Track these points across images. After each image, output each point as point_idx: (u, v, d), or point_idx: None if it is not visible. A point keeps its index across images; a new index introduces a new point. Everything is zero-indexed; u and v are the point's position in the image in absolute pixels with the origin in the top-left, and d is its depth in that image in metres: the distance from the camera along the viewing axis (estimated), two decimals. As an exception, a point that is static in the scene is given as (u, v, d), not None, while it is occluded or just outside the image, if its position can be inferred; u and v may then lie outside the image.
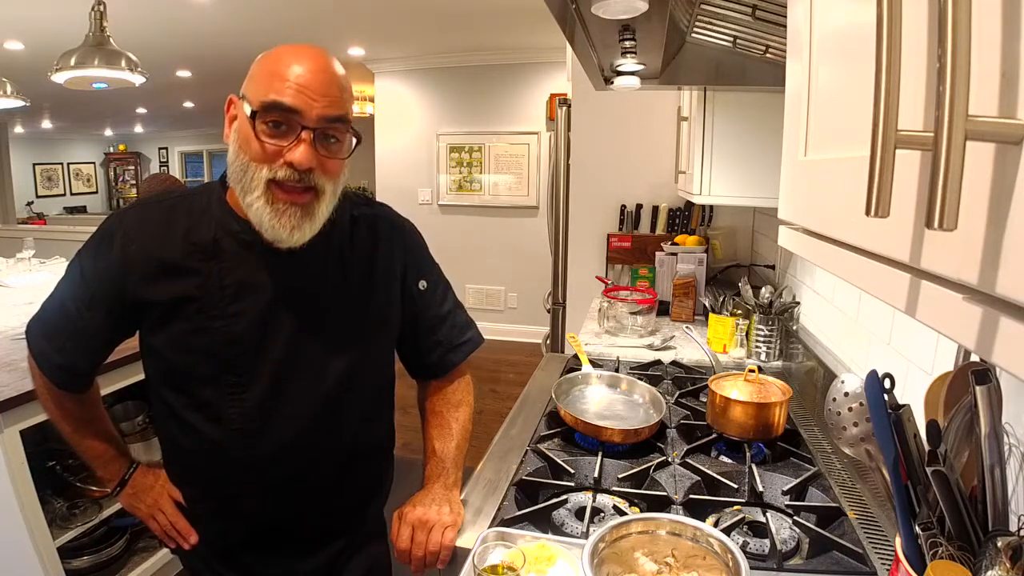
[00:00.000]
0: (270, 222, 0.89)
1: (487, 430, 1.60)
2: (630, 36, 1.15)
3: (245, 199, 0.90)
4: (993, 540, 0.56)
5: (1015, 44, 0.30)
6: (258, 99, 0.86)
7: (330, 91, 0.88)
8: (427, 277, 1.13)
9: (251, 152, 0.87)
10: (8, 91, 3.10)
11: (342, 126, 0.90)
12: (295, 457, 1.01)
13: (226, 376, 0.96)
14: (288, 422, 0.99)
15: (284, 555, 1.08)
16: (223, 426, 0.97)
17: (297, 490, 1.03)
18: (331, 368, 1.01)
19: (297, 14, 4.02)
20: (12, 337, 2.13)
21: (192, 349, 0.95)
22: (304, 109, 0.85)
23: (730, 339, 1.90)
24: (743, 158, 1.82)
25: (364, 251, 1.05)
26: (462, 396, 1.19)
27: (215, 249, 0.95)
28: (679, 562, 0.84)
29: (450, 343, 1.16)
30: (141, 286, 0.94)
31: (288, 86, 0.85)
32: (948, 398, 0.70)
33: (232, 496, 1.03)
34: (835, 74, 0.58)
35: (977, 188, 0.33)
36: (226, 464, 0.99)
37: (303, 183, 0.88)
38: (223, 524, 1.06)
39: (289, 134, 0.86)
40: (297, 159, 0.86)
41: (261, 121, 0.86)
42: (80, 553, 1.95)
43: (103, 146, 10.88)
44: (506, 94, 5.34)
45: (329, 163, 0.90)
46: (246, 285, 0.95)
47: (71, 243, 5.33)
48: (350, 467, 1.09)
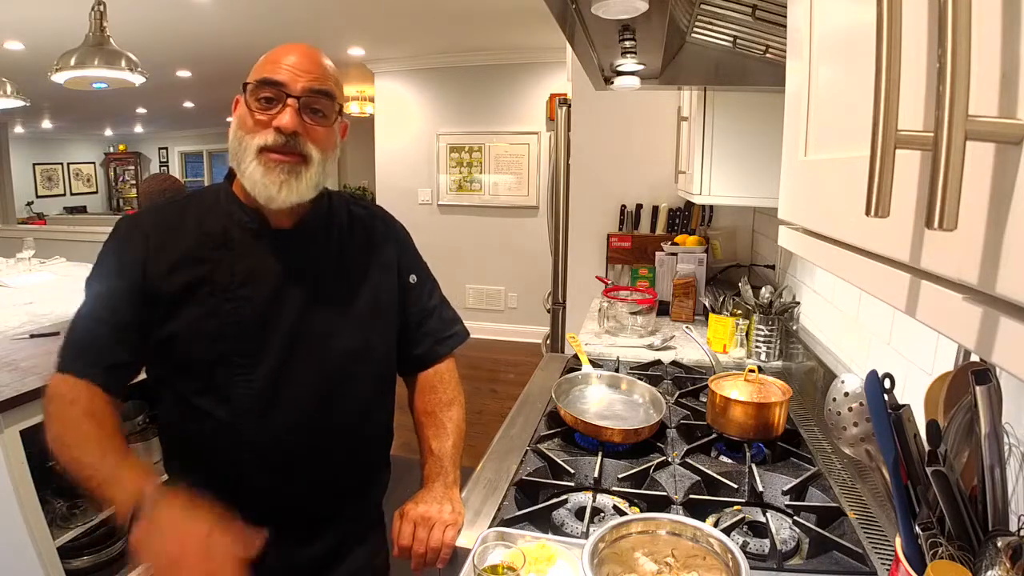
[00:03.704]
0: (261, 180, 0.96)
1: (487, 430, 1.59)
2: (630, 36, 1.15)
3: (241, 168, 0.98)
4: (993, 540, 0.56)
5: (1015, 44, 0.30)
6: (253, 79, 0.98)
7: (315, 69, 0.98)
8: (417, 272, 1.20)
9: (246, 127, 0.98)
10: (8, 91, 3.10)
11: (327, 100, 0.99)
12: (300, 438, 1.04)
13: (235, 358, 1.00)
14: (294, 403, 1.03)
15: (286, 542, 1.08)
16: (231, 407, 1.01)
17: (301, 473, 1.06)
18: (334, 350, 1.06)
19: (297, 14, 4.03)
20: (12, 337, 2.13)
21: (203, 332, 1.00)
22: (289, 82, 0.96)
23: (730, 339, 1.90)
24: (743, 158, 1.82)
25: (362, 241, 1.13)
26: (453, 394, 1.20)
27: (225, 239, 1.02)
28: (679, 562, 0.84)
29: (438, 335, 1.22)
30: (158, 278, 0.99)
31: (277, 66, 0.97)
32: (948, 398, 0.70)
33: (236, 479, 1.04)
34: (835, 74, 0.58)
35: (977, 188, 0.33)
36: (233, 446, 1.02)
37: (290, 146, 0.96)
38: (229, 506, 1.06)
39: (277, 104, 0.96)
40: (283, 123, 0.95)
41: (253, 97, 0.97)
42: (80, 553, 1.95)
43: (103, 146, 10.89)
44: (506, 94, 5.34)
45: (315, 130, 0.98)
46: (254, 271, 1.02)
47: (71, 243, 5.33)
48: (353, 451, 1.11)
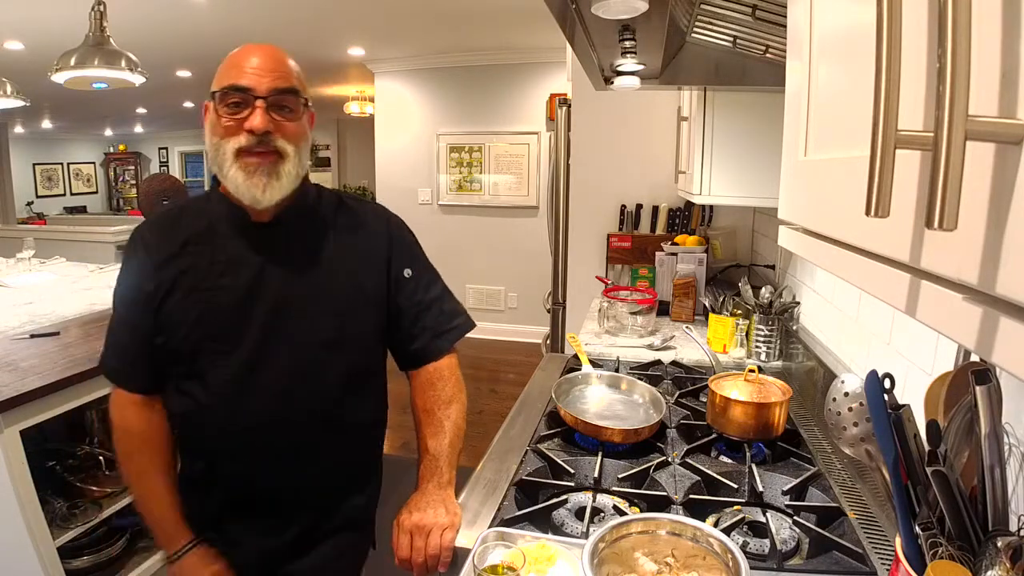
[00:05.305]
0: (244, 183, 1.00)
1: (487, 430, 1.59)
2: (630, 36, 1.15)
3: (223, 173, 1.02)
4: (993, 540, 0.56)
5: (1015, 44, 0.30)
6: (218, 87, 1.01)
7: (277, 68, 1.01)
8: (413, 267, 1.19)
9: (219, 132, 1.01)
10: (8, 91, 3.09)
11: (293, 97, 1.02)
12: (277, 421, 1.06)
13: (213, 344, 1.04)
14: (266, 389, 1.05)
15: (259, 527, 1.12)
16: (210, 391, 1.05)
17: (275, 458, 1.08)
18: (308, 339, 1.08)
19: (297, 14, 4.02)
20: (12, 337, 2.13)
21: (184, 320, 1.04)
22: (255, 85, 0.99)
23: (730, 339, 1.90)
24: (743, 158, 1.81)
25: (349, 232, 1.15)
26: (453, 393, 1.19)
27: (210, 233, 1.07)
28: (679, 562, 0.84)
29: (436, 329, 1.19)
30: (155, 276, 1.05)
31: (241, 71, 0.99)
32: (948, 398, 0.70)
33: (216, 459, 1.09)
34: (835, 74, 0.58)
35: (977, 188, 0.33)
36: (212, 428, 1.07)
37: (265, 145, 1.00)
38: (207, 489, 1.11)
39: (245, 108, 0.99)
40: (255, 125, 0.98)
41: (221, 104, 1.00)
42: (80, 553, 1.95)
43: (103, 146, 10.88)
44: (506, 94, 5.34)
45: (285, 127, 1.02)
46: (235, 260, 1.06)
47: (71, 243, 5.33)
48: (329, 442, 1.12)
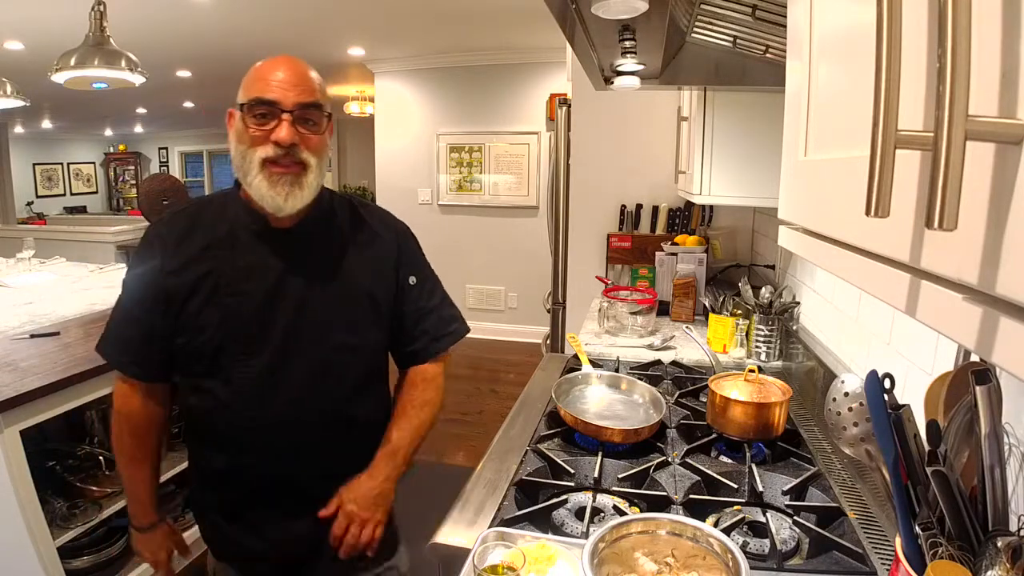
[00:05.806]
0: (268, 192, 1.05)
1: (487, 430, 1.60)
2: (630, 36, 1.15)
3: (247, 180, 1.06)
4: (993, 540, 0.56)
5: (1015, 44, 0.30)
6: (246, 98, 1.05)
7: (302, 83, 1.05)
8: (417, 274, 1.25)
9: (246, 140, 1.05)
10: (8, 91, 3.09)
11: (317, 111, 1.07)
12: (296, 420, 1.12)
13: (235, 347, 1.09)
14: (288, 389, 1.11)
15: (281, 514, 1.17)
16: (232, 390, 1.10)
17: (296, 451, 1.13)
18: (328, 343, 1.13)
19: (297, 14, 4.02)
20: (12, 337, 2.13)
21: (208, 323, 1.08)
22: (281, 99, 1.03)
23: (730, 339, 1.90)
24: (743, 158, 1.81)
25: (363, 238, 1.21)
26: (430, 397, 1.26)
27: (231, 239, 1.11)
28: (679, 562, 0.84)
29: (434, 334, 1.27)
30: (173, 277, 1.09)
31: (267, 84, 1.04)
32: (948, 398, 0.70)
33: (237, 454, 1.14)
34: (835, 74, 0.58)
35: (977, 188, 0.33)
36: (235, 425, 1.11)
37: (290, 157, 1.05)
38: (229, 481, 1.17)
39: (272, 120, 1.04)
40: (280, 137, 1.03)
41: (249, 115, 1.04)
42: (80, 553, 1.95)
43: (103, 146, 10.88)
44: (506, 94, 5.34)
45: (310, 139, 1.07)
46: (256, 266, 1.10)
47: (71, 243, 5.34)
48: (345, 435, 1.18)
